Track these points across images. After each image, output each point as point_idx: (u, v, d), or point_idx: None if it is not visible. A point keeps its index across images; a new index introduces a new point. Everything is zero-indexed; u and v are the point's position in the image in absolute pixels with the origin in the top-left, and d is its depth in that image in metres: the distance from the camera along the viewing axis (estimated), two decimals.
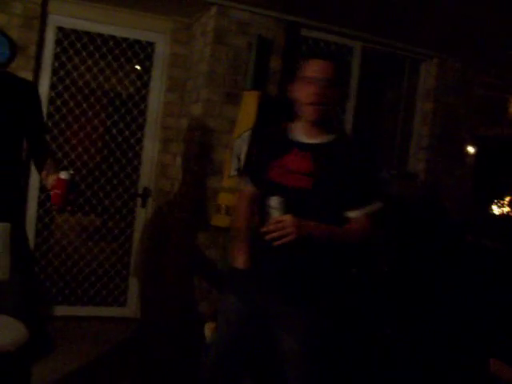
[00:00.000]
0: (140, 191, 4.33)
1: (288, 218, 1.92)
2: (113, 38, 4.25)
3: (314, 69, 2.04)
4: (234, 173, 3.67)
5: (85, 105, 4.27)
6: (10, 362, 2.39)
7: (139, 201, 4.34)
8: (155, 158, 4.35)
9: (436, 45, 4.39)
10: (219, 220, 3.71)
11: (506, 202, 7.24)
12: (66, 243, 4.34)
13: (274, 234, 1.93)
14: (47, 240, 4.25)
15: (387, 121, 4.81)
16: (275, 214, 1.96)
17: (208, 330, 3.76)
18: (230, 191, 3.66)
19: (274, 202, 1.98)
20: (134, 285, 4.44)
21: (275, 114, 3.95)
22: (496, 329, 3.26)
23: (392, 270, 3.74)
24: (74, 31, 4.17)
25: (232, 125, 3.78)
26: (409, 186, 4.41)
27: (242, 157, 3.63)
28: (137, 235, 4.40)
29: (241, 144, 3.65)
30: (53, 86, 4.14)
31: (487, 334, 3.27)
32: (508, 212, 7.26)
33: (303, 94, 2.06)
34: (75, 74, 4.23)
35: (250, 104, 3.68)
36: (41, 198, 4.16)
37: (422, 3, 3.59)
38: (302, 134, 2.15)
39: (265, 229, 1.97)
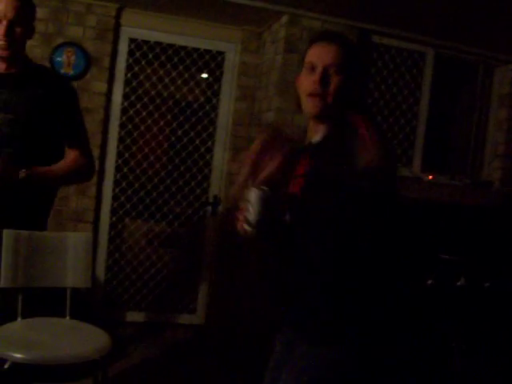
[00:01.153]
0: (210, 199, 4.37)
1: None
2: (184, 48, 4.31)
3: (314, 54, 1.72)
4: None
5: (156, 114, 4.34)
6: (95, 369, 2.45)
7: (210, 209, 4.37)
8: (225, 167, 4.38)
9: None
10: None
11: None
12: (138, 250, 4.41)
13: None
14: (119, 247, 4.34)
15: (461, 127, 4.69)
16: (250, 209, 1.63)
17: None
18: None
19: (251, 195, 1.63)
20: (203, 292, 4.47)
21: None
22: None
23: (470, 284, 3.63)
24: (146, 42, 4.25)
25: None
26: (484, 194, 4.28)
27: None
28: (207, 242, 4.43)
29: None
30: (125, 96, 4.23)
31: None
32: None
33: (303, 84, 1.72)
34: (147, 84, 4.31)
35: None
36: (113, 206, 4.25)
37: (495, 7, 3.49)
38: (309, 132, 1.82)
39: None
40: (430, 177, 4.23)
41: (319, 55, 1.70)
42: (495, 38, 4.12)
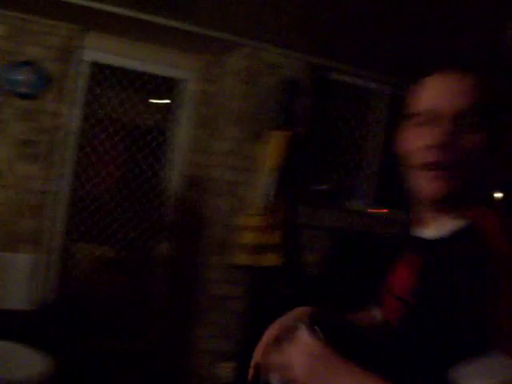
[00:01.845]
0: (164, 226, 4.36)
1: (301, 338, 1.05)
2: (145, 73, 4.34)
3: (435, 94, 1.06)
4: (258, 211, 3.69)
5: (114, 138, 4.33)
6: None
7: (163, 236, 4.36)
8: (180, 194, 4.39)
9: None
10: (242, 258, 3.72)
11: None
12: (90, 274, 4.36)
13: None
14: (72, 270, 4.27)
15: None
16: None
17: (226, 368, 3.75)
18: (254, 229, 3.68)
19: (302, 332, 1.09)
20: (152, 319, 4.43)
21: (302, 154, 4.00)
22: None
23: None
24: (108, 66, 4.26)
25: (259, 163, 3.82)
26: None
27: (268, 196, 3.65)
28: (158, 269, 4.41)
29: (267, 183, 3.68)
30: (84, 119, 4.22)
31: None
32: None
33: (412, 147, 1.09)
34: (107, 108, 4.31)
35: (277, 143, 3.73)
36: (67, 229, 4.20)
37: (448, 47, 3.62)
38: (416, 221, 1.18)
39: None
40: (381, 210, 4.32)
41: (444, 96, 1.03)
42: None
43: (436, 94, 1.05)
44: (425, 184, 1.06)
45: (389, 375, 0.97)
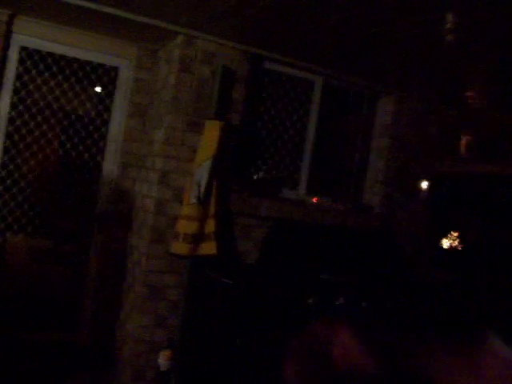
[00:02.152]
0: (97, 216, 4.30)
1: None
2: (77, 60, 4.25)
3: None
4: (193, 200, 3.69)
5: (45, 126, 4.23)
6: None
7: (96, 225, 4.30)
8: (114, 183, 4.33)
9: (394, 82, 4.54)
10: (177, 247, 3.71)
11: (455, 236, 7.49)
12: (19, 266, 4.26)
13: None
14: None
15: (346, 154, 4.91)
16: None
17: (162, 357, 3.75)
18: (189, 219, 3.68)
19: None
20: (86, 310, 4.37)
21: (237, 143, 4.02)
22: None
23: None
24: (38, 52, 4.15)
25: (193, 152, 3.81)
26: (364, 218, 4.50)
27: (203, 185, 3.65)
28: (93, 260, 4.35)
29: (201, 172, 3.67)
30: (13, 106, 4.10)
31: None
32: (456, 245, 7.51)
33: None
34: (37, 95, 4.20)
35: (212, 133, 3.72)
36: None
37: (381, 42, 3.70)
38: None
39: None
40: (315, 200, 4.40)
41: None
42: (379, 71, 4.37)
43: None
44: None
45: None
